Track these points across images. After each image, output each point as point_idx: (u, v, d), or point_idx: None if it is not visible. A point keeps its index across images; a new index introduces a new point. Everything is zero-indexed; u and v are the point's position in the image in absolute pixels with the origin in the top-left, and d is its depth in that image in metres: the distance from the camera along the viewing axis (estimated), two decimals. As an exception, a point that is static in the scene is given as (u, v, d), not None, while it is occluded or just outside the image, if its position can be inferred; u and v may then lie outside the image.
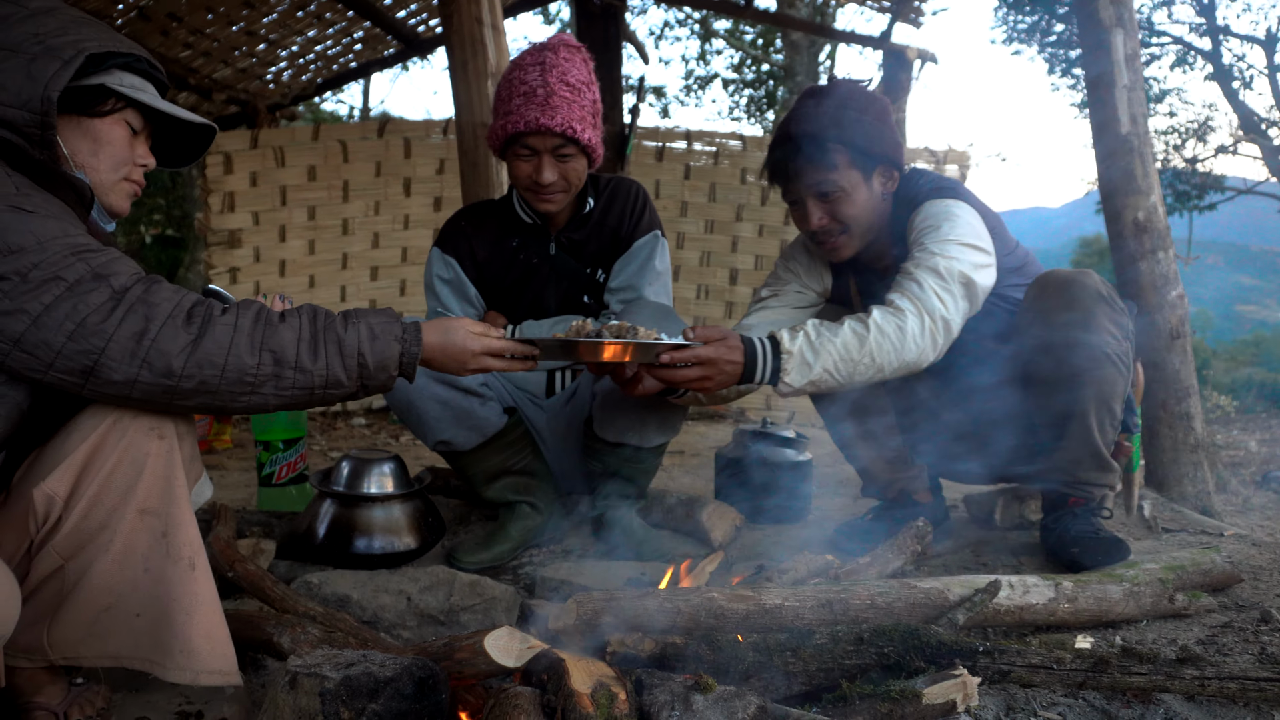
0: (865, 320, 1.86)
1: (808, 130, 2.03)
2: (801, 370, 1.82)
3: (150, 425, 1.35)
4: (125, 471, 1.33)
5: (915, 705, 1.31)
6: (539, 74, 2.19)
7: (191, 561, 1.36)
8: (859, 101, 2.07)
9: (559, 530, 2.46)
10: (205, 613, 1.37)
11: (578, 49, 2.28)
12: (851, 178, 2.05)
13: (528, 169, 2.25)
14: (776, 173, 2.12)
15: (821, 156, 2.02)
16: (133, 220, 12.18)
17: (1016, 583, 1.64)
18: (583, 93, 2.23)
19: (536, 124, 2.17)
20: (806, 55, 12.05)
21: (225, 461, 3.99)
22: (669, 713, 1.19)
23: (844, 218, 2.07)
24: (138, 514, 1.33)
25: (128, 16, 4.65)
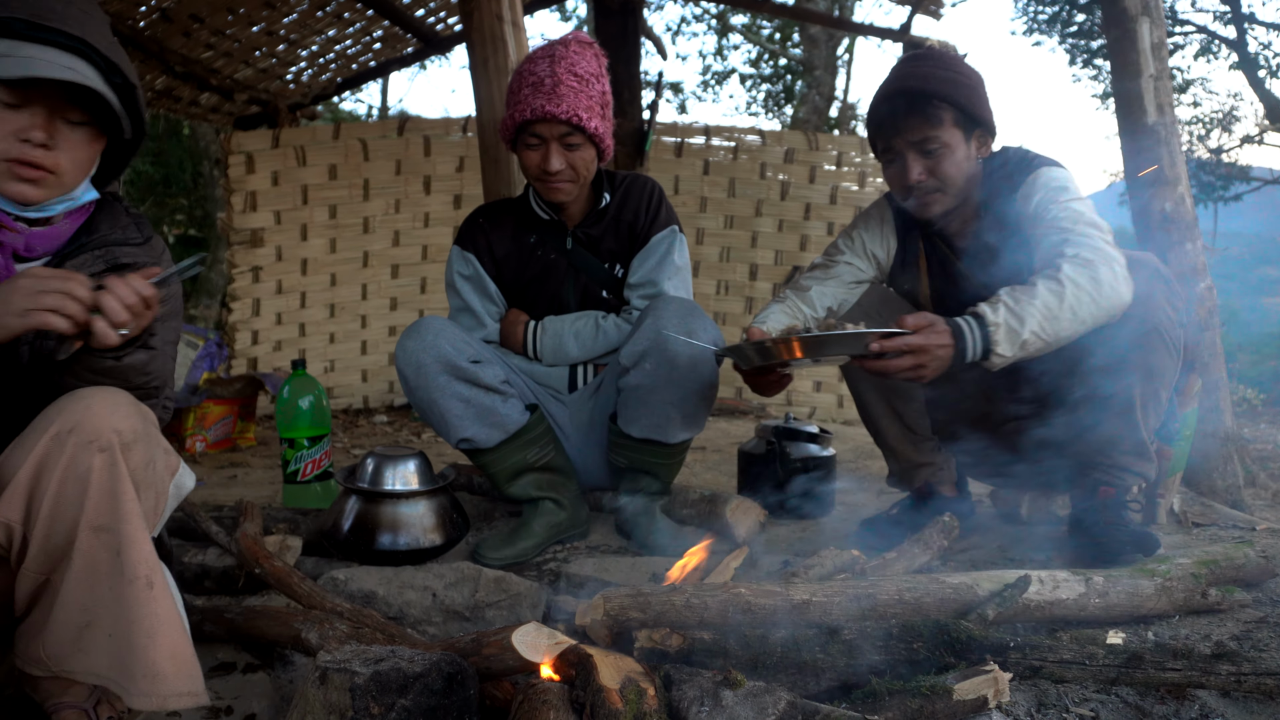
0: (1056, 276, 1.85)
1: (916, 86, 2.08)
2: (1010, 339, 1.82)
3: (89, 439, 1.28)
4: (72, 489, 1.28)
5: (946, 701, 1.30)
6: (548, 65, 2.23)
7: (149, 580, 1.30)
8: (962, 66, 2.13)
9: (583, 526, 2.46)
10: (167, 632, 1.31)
11: (589, 44, 2.31)
12: (954, 136, 2.09)
13: (536, 158, 2.28)
14: (882, 126, 2.15)
15: (929, 111, 2.06)
16: (155, 220, 12.28)
17: (1046, 578, 1.62)
18: (590, 84, 2.25)
19: (542, 111, 2.20)
20: (825, 49, 11.99)
21: (249, 459, 4.03)
22: (698, 708, 1.19)
23: (941, 175, 2.11)
24: (91, 531, 1.28)
25: (150, 18, 4.69)
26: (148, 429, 1.36)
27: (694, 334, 2.16)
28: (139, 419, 1.34)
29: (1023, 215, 2.06)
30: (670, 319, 2.16)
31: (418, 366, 2.19)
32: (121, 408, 1.33)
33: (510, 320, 2.45)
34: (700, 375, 2.20)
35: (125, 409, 1.33)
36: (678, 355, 2.16)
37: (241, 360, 5.21)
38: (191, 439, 4.03)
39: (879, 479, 3.27)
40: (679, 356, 2.16)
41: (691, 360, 2.17)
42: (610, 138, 2.32)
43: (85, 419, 1.28)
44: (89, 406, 1.30)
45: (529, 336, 2.42)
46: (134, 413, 1.34)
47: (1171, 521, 2.41)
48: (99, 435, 1.28)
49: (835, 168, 5.59)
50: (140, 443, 1.33)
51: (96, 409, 1.30)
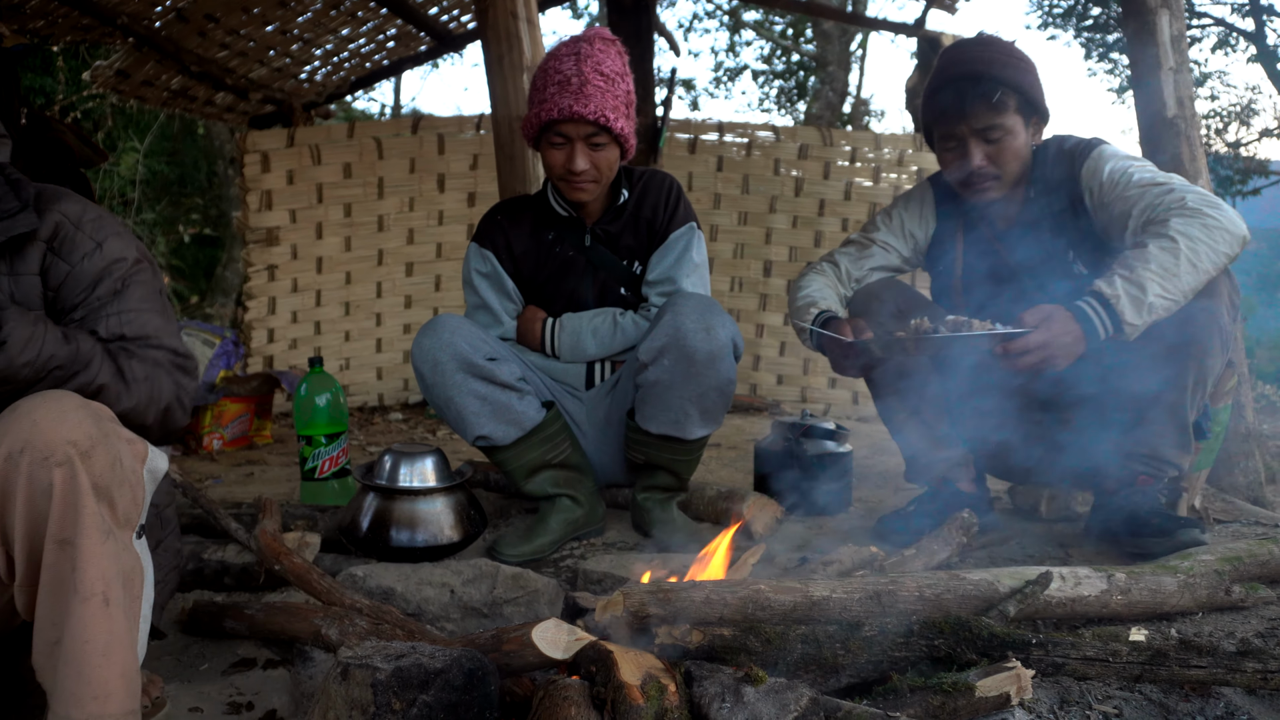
0: (1165, 233, 1.86)
1: (983, 71, 2.07)
2: (1136, 306, 1.83)
3: (43, 455, 1.22)
4: (40, 505, 1.24)
5: (968, 698, 1.29)
6: (574, 63, 2.21)
7: (105, 596, 1.26)
8: (1019, 53, 2.13)
9: (599, 523, 2.46)
10: (121, 650, 1.27)
11: (613, 41, 2.29)
12: (1016, 122, 2.10)
13: (560, 157, 2.26)
14: (945, 112, 2.14)
15: (994, 97, 2.06)
16: (170, 220, 12.36)
17: (1068, 574, 1.61)
18: (616, 83, 2.24)
19: (570, 111, 2.18)
20: (838, 44, 11.95)
21: (266, 457, 4.04)
22: (719, 705, 1.19)
23: (1002, 162, 2.12)
24: (56, 545, 1.25)
25: (166, 18, 4.71)
26: (103, 427, 1.29)
27: (713, 330, 2.16)
28: (91, 422, 1.27)
29: (1091, 190, 2.06)
30: (689, 315, 2.15)
31: (434, 364, 2.19)
32: (69, 415, 1.26)
33: (527, 317, 2.45)
34: (719, 371, 2.20)
35: (74, 416, 1.26)
36: (696, 351, 2.15)
37: (257, 358, 5.23)
38: (208, 437, 4.05)
39: (896, 475, 3.26)
40: (698, 353, 2.16)
41: (710, 356, 2.17)
42: (634, 137, 2.31)
43: (34, 436, 1.23)
44: (35, 423, 1.24)
45: (547, 333, 2.42)
46: (84, 417, 1.27)
47: (1191, 517, 2.39)
48: (53, 451, 1.23)
49: (850, 163, 5.57)
50: (99, 446, 1.27)
51: (43, 423, 1.24)
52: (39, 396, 1.29)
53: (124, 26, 4.58)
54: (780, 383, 5.72)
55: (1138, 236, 1.93)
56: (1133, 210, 1.97)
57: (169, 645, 1.89)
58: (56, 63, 8.71)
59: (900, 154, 5.53)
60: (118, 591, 1.28)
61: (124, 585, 1.29)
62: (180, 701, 1.62)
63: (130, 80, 5.21)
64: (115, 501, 1.30)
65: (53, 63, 8.69)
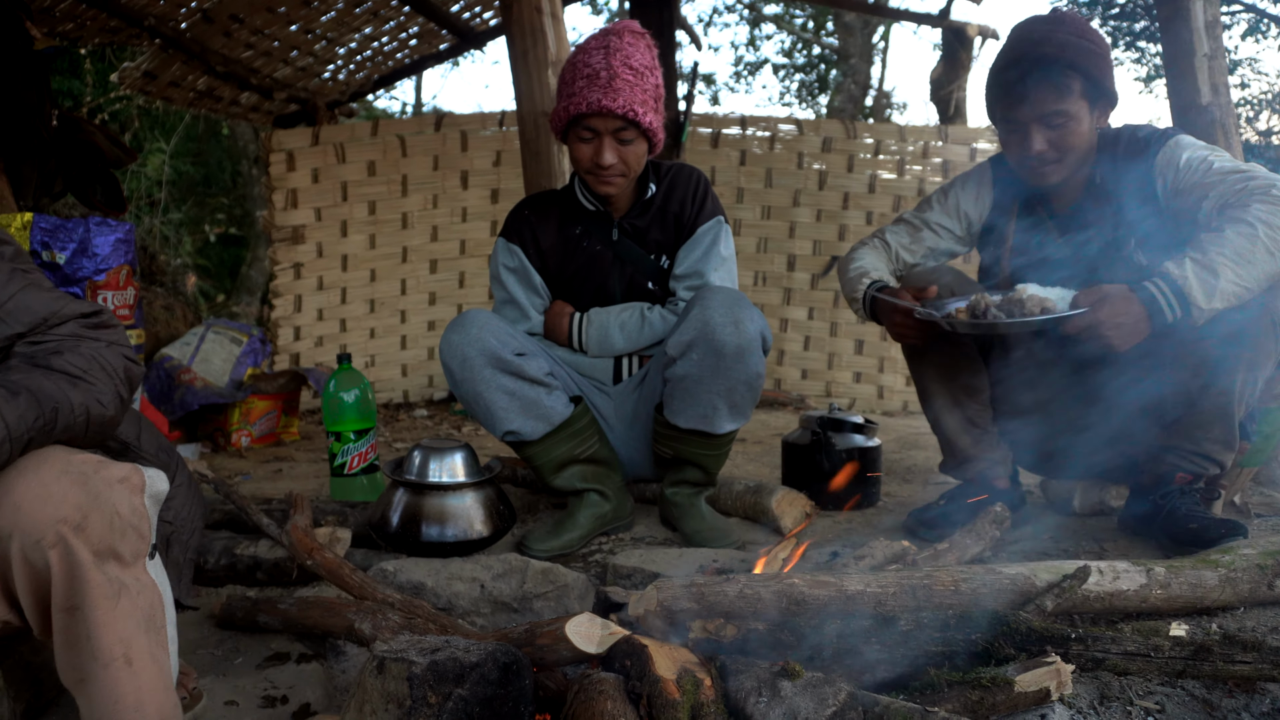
0: (1243, 218, 1.81)
1: (1047, 54, 2.02)
2: (1205, 289, 1.78)
3: (34, 539, 1.16)
4: (40, 577, 1.20)
5: (1007, 693, 1.28)
6: (603, 57, 2.20)
7: (126, 658, 1.22)
8: (1093, 34, 2.06)
9: (628, 518, 2.46)
10: (154, 699, 1.25)
11: (641, 35, 2.28)
12: (1080, 107, 2.05)
13: (588, 151, 2.26)
14: (1006, 94, 2.10)
15: (1060, 82, 2.01)
16: (196, 220, 12.48)
17: (1106, 568, 1.59)
18: (645, 77, 2.22)
19: (599, 105, 2.17)
20: (860, 36, 11.86)
21: (294, 453, 4.07)
22: (756, 699, 1.18)
23: (1064, 147, 2.07)
24: (65, 613, 1.21)
25: (192, 19, 4.75)
26: (91, 489, 1.21)
27: (741, 323, 2.15)
28: (77, 489, 1.19)
29: (1165, 177, 2.02)
30: (717, 309, 2.14)
31: (463, 360, 2.20)
32: (52, 489, 1.18)
33: (555, 312, 2.45)
34: (747, 365, 2.19)
35: (57, 489, 1.18)
36: (725, 345, 2.14)
37: (284, 356, 5.27)
38: (237, 434, 4.09)
39: (925, 470, 3.24)
40: (726, 346, 2.14)
41: (739, 350, 2.16)
42: (662, 131, 2.30)
43: (18, 520, 1.16)
44: (17, 506, 1.16)
45: (574, 328, 2.42)
46: (68, 486, 1.19)
47: (1230, 512, 2.35)
48: (43, 534, 1.16)
49: (873, 156, 5.53)
50: (92, 513, 1.19)
51: (26, 506, 1.16)
52: (13, 472, 1.19)
53: (151, 28, 4.62)
54: (805, 377, 5.70)
55: (1213, 221, 1.87)
56: (1209, 195, 1.92)
57: (204, 639, 1.90)
58: (84, 65, 8.81)
59: (925, 146, 5.49)
60: (141, 643, 1.24)
61: (146, 628, 1.26)
62: (216, 695, 1.63)
63: (157, 81, 5.26)
64: (121, 554, 1.25)
65: (80, 65, 8.79)
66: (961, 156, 5.46)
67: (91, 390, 1.32)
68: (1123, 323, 1.82)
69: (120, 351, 1.40)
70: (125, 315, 2.94)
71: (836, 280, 5.52)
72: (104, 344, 1.38)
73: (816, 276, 5.62)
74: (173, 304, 5.88)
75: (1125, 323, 1.82)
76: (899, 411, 5.49)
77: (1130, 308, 1.82)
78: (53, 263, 2.80)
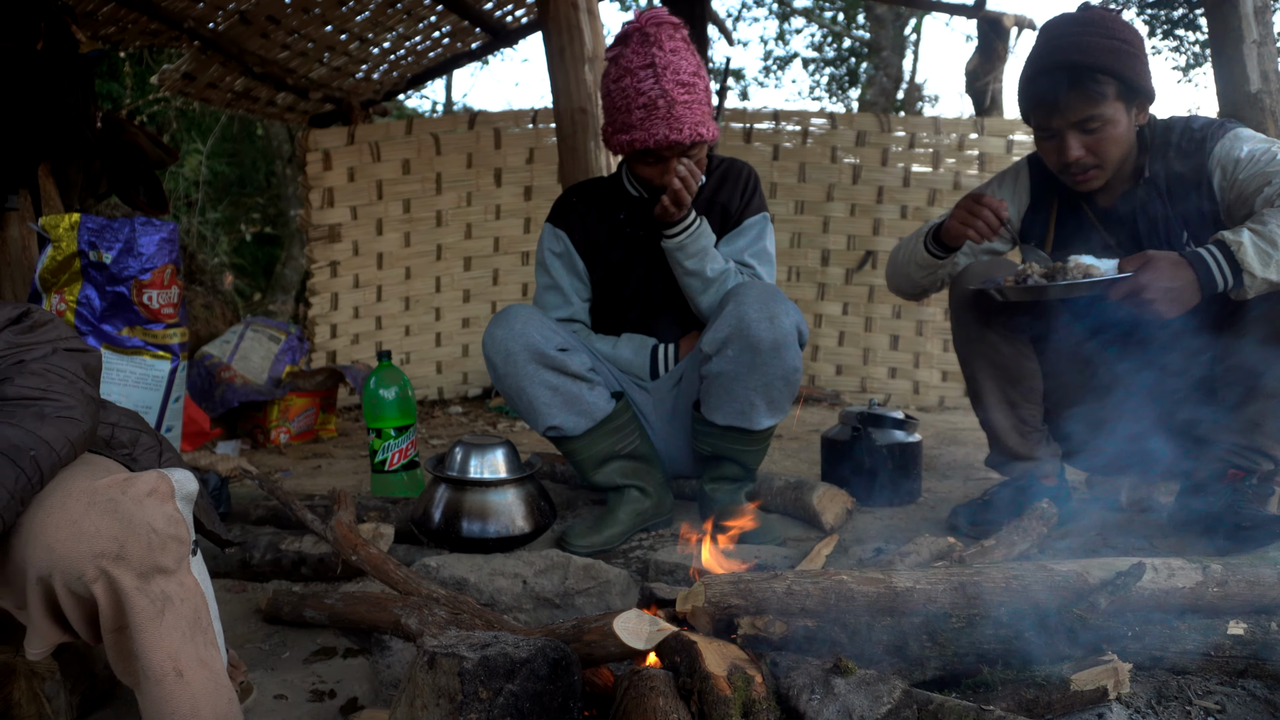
0: None
1: (1077, 60, 1.97)
2: (1262, 259, 1.76)
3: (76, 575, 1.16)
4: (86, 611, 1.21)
5: (1063, 691, 1.26)
6: (653, 81, 2.17)
7: (177, 670, 1.22)
8: (1124, 31, 2.01)
9: (668, 514, 2.45)
10: (209, 702, 1.26)
11: (678, 28, 2.25)
12: (1116, 110, 2.00)
13: (655, 173, 2.27)
14: (1038, 104, 2.06)
15: (1091, 89, 1.97)
16: (232, 220, 12.64)
17: (1160, 565, 1.56)
18: (698, 87, 2.22)
19: (666, 140, 2.17)
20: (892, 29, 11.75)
21: (332, 450, 4.11)
22: (809, 696, 1.17)
23: (1102, 152, 2.03)
24: (115, 633, 1.22)
25: (230, 21, 4.80)
26: (122, 513, 1.19)
27: (777, 318, 2.13)
28: (108, 519, 1.17)
29: (1224, 168, 1.98)
30: (752, 304, 2.13)
31: (506, 354, 2.20)
32: (83, 526, 1.16)
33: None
34: (784, 360, 2.17)
35: (88, 525, 1.16)
36: (761, 341, 2.13)
37: (321, 354, 5.32)
38: (276, 431, 4.13)
39: (964, 466, 3.20)
40: (762, 342, 2.13)
41: (775, 345, 2.14)
42: (716, 126, 2.29)
43: (55, 562, 1.15)
44: (50, 549, 1.15)
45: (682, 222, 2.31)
46: (98, 518, 1.17)
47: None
48: (83, 571, 1.15)
49: (908, 149, 5.47)
50: (128, 540, 1.18)
51: (59, 547, 1.15)
52: (40, 513, 1.17)
53: (190, 30, 4.69)
54: (839, 373, 5.66)
55: (1276, 201, 1.83)
56: (1271, 182, 1.88)
57: (252, 633, 1.93)
58: (123, 69, 8.95)
59: (960, 139, 5.42)
60: (189, 652, 1.25)
61: (193, 633, 1.26)
62: (265, 688, 1.65)
63: (196, 83, 5.33)
64: (164, 566, 1.24)
65: (119, 69, 8.93)
66: (998, 149, 5.39)
67: (59, 409, 1.24)
68: (1170, 286, 1.78)
69: (67, 347, 1.31)
70: (170, 313, 2.98)
71: (870, 275, 5.50)
72: (48, 347, 1.29)
73: (850, 271, 5.57)
74: (212, 302, 5.96)
75: (1173, 286, 1.78)
76: (935, 407, 5.44)
77: (1179, 271, 1.79)
78: (99, 262, 2.84)
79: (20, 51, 3.20)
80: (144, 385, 2.97)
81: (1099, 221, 2.18)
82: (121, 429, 1.49)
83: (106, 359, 2.92)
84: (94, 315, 2.89)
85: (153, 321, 2.95)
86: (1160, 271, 1.79)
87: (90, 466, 1.28)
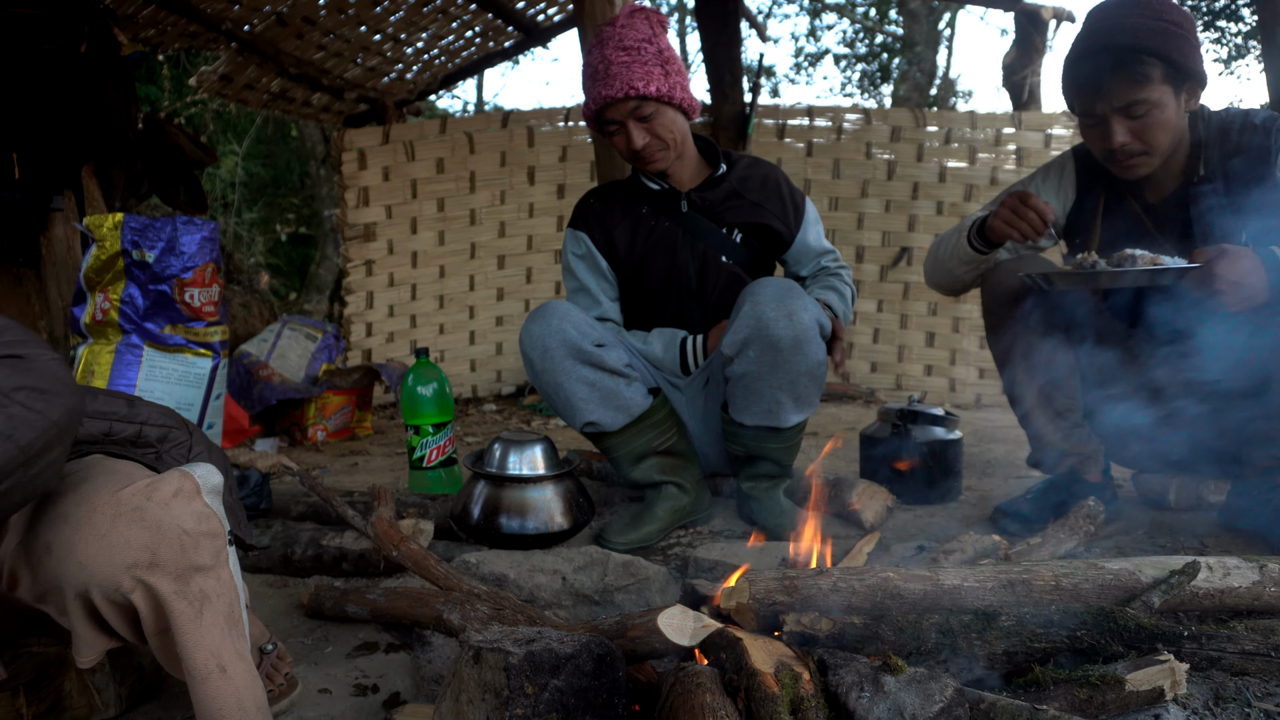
0: None
1: (1124, 42, 1.92)
2: None
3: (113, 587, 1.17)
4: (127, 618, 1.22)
5: (1118, 691, 1.23)
6: (598, 52, 2.27)
7: (220, 667, 1.24)
8: (1172, 12, 1.94)
9: (705, 511, 2.44)
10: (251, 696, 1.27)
11: (640, 11, 2.31)
12: (1164, 93, 1.94)
13: (621, 142, 2.32)
14: (1081, 88, 2.01)
15: (1136, 71, 1.91)
16: (267, 220, 12.79)
17: (1215, 564, 1.53)
18: (640, 50, 2.25)
19: (602, 98, 2.25)
20: (926, 24, 11.64)
21: (368, 447, 4.15)
22: (859, 694, 1.15)
23: (1149, 138, 1.97)
24: (158, 635, 1.24)
25: (267, 22, 4.85)
26: (150, 520, 1.19)
27: (795, 315, 2.11)
28: (136, 528, 1.17)
29: None
30: (768, 303, 2.11)
31: (544, 350, 2.20)
32: (113, 539, 1.16)
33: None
34: (807, 356, 2.15)
35: (118, 536, 1.16)
36: (781, 339, 2.11)
37: (356, 352, 5.37)
38: (313, 428, 4.17)
39: (1004, 464, 3.16)
40: (782, 340, 2.11)
41: (795, 341, 2.12)
42: (685, 91, 2.31)
43: (89, 578, 1.16)
44: (82, 565, 1.15)
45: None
46: (127, 528, 1.17)
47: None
48: (119, 583, 1.16)
49: (944, 144, 5.41)
50: (160, 546, 1.18)
51: (91, 562, 1.15)
52: (66, 528, 1.16)
53: (228, 32, 4.74)
54: (874, 370, 5.61)
55: None
56: None
57: (294, 628, 1.94)
58: (160, 71, 9.09)
59: (997, 133, 5.35)
60: (228, 647, 1.26)
61: (229, 628, 1.27)
62: (309, 683, 1.66)
63: (233, 84, 5.39)
64: (201, 564, 1.24)
65: (157, 71, 9.06)
66: (1036, 143, 5.32)
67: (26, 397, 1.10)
68: (1240, 280, 1.73)
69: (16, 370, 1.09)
70: (210, 312, 3.02)
71: (905, 272, 5.45)
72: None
73: (885, 268, 5.53)
74: (249, 301, 6.03)
75: (1243, 281, 1.73)
76: (971, 405, 5.37)
77: (1256, 269, 1.73)
78: (142, 261, 2.88)
79: (65, 54, 3.25)
80: (186, 383, 3.00)
81: (1148, 218, 2.13)
82: (151, 427, 1.47)
83: (150, 357, 2.96)
84: (137, 313, 2.93)
85: (194, 319, 2.99)
86: (1238, 266, 1.74)
87: (112, 476, 1.26)
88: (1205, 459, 2.14)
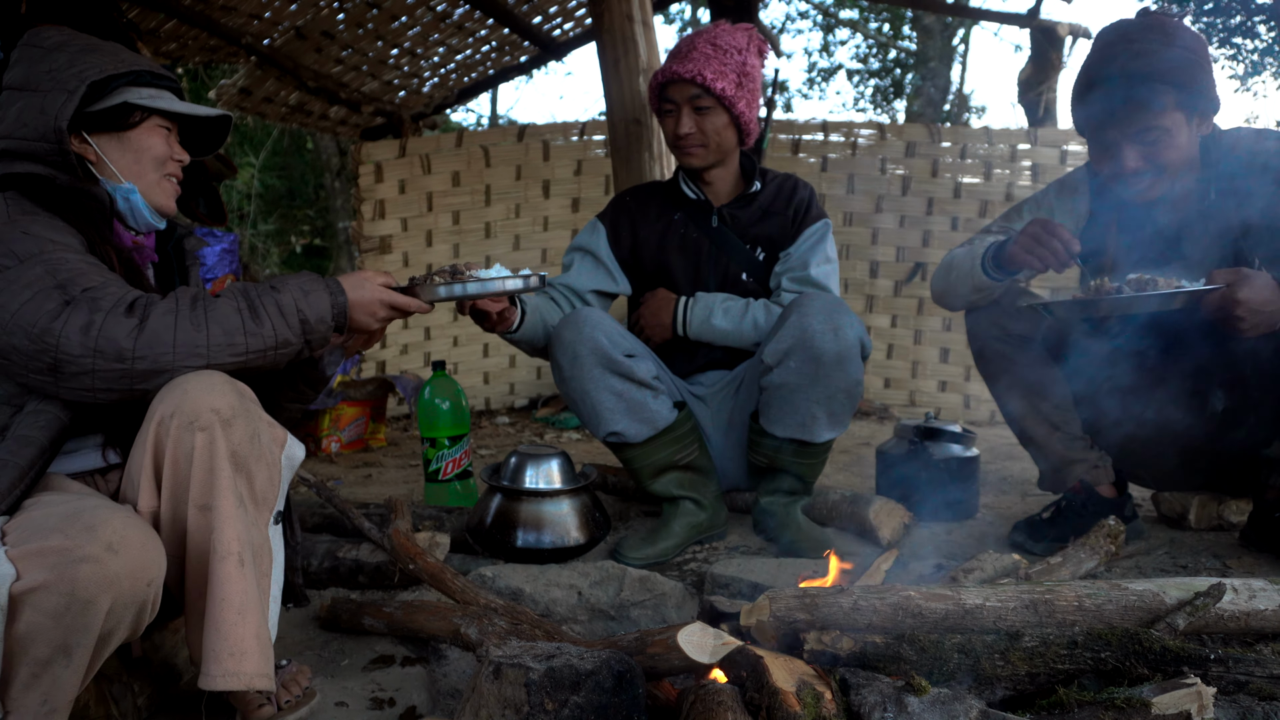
0: None
1: (1131, 69, 1.90)
2: None
3: (189, 420, 1.33)
4: (180, 470, 1.34)
5: (1144, 715, 1.22)
6: (692, 38, 2.32)
7: (240, 557, 1.34)
8: (1186, 37, 1.92)
9: (722, 527, 2.43)
10: (256, 611, 1.34)
11: (747, 28, 2.35)
12: (1175, 120, 1.92)
13: (670, 123, 2.36)
14: (1093, 114, 1.99)
15: (1149, 98, 1.89)
16: (282, 232, 12.88)
17: (1241, 586, 1.51)
18: (728, 54, 2.30)
19: (670, 73, 2.30)
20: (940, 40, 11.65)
21: (382, 459, 4.15)
22: (881, 714, 1.14)
23: (1159, 160, 1.95)
24: (198, 510, 1.34)
25: (286, 36, 4.90)
26: (245, 405, 1.38)
27: (841, 330, 2.12)
28: (235, 396, 1.37)
29: None
30: (816, 315, 2.11)
31: (574, 357, 2.20)
32: (217, 387, 1.35)
33: (661, 298, 2.46)
34: (847, 373, 2.15)
35: (221, 388, 1.36)
36: (824, 353, 2.11)
37: (371, 363, 5.38)
38: (327, 439, 4.18)
39: (1021, 481, 3.14)
40: (825, 354, 2.11)
41: (838, 357, 2.12)
42: (748, 108, 2.35)
43: (183, 402, 1.33)
44: (185, 391, 1.34)
45: (679, 309, 2.44)
46: (229, 390, 1.37)
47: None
48: (197, 415, 1.33)
49: (958, 160, 5.40)
50: (239, 418, 1.36)
51: (192, 391, 1.34)
52: (191, 374, 1.37)
53: (248, 46, 4.79)
54: (887, 386, 5.59)
55: None
56: None
57: (309, 640, 1.94)
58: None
59: (1012, 149, 5.34)
60: (251, 554, 1.36)
61: (254, 556, 1.37)
62: (326, 695, 1.66)
63: (252, 97, 5.44)
64: (253, 475, 1.40)
65: (177, 84, 9.14)
66: (1052, 159, 5.30)
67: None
68: (1260, 308, 1.71)
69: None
70: (228, 323, 3.04)
71: (920, 288, 5.43)
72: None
73: (900, 283, 5.51)
74: (265, 313, 6.04)
75: (1264, 309, 1.71)
76: (986, 421, 5.34)
77: (1274, 294, 1.72)
78: (162, 273, 2.90)
79: (88, 68, 3.28)
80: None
81: (1160, 238, 2.12)
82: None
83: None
84: (156, 324, 2.95)
85: (212, 331, 3.00)
86: (1256, 290, 1.72)
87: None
88: (1224, 480, 2.13)
